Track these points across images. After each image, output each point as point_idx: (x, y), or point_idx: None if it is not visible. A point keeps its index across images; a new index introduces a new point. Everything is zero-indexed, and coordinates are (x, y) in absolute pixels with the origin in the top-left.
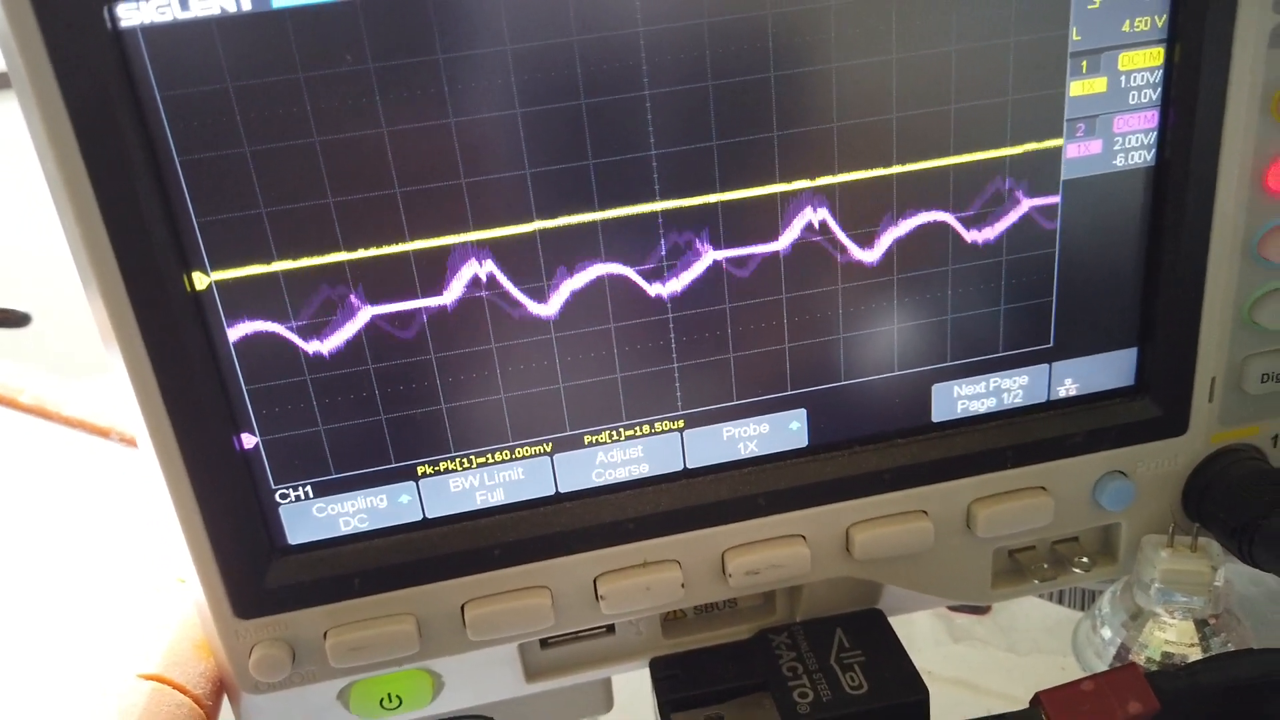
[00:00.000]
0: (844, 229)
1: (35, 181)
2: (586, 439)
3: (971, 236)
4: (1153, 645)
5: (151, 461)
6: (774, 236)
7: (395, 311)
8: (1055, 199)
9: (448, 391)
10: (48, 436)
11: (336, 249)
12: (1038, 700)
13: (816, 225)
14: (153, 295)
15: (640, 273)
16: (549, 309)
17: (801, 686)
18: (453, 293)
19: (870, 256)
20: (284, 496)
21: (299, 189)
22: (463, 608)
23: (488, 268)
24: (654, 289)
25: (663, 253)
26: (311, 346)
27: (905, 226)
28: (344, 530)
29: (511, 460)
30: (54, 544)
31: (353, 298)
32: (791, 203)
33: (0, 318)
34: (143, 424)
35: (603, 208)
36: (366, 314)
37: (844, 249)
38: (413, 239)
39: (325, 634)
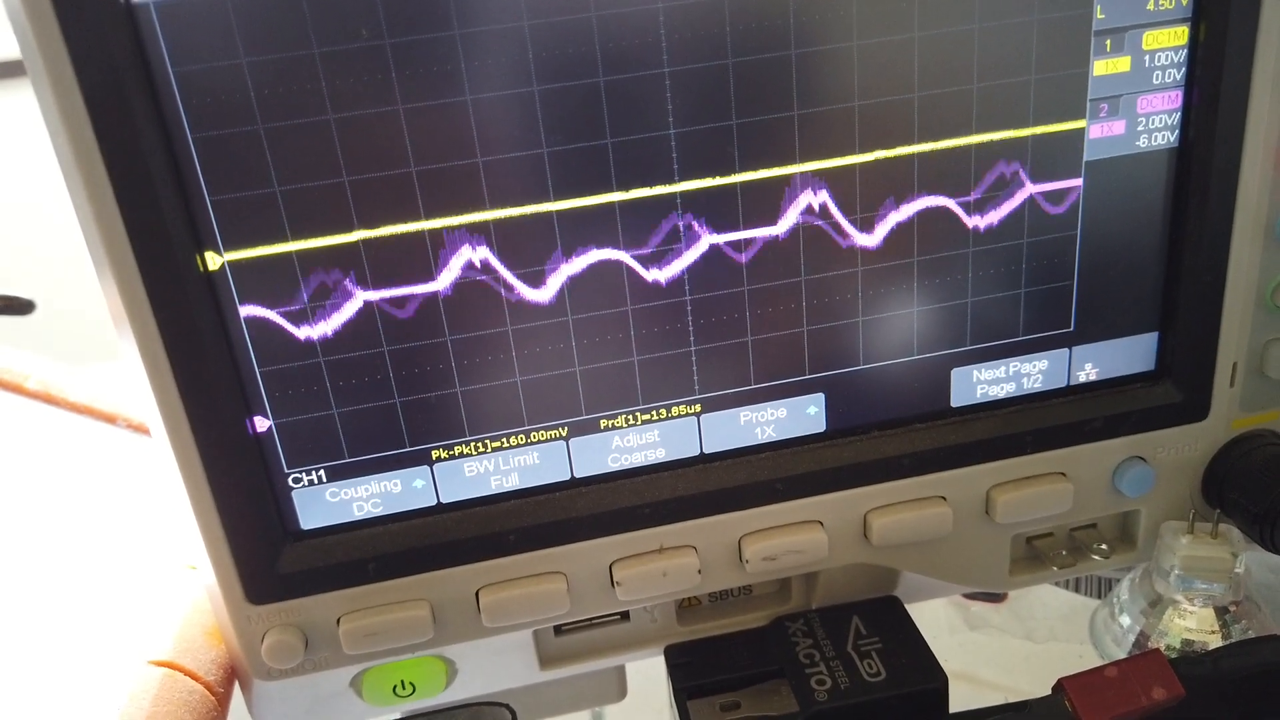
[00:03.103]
0: (865, 210)
1: (41, 171)
2: (602, 423)
3: (993, 218)
4: (1172, 633)
5: (163, 445)
6: (791, 218)
7: (410, 293)
8: (1078, 181)
9: (462, 374)
10: (54, 423)
11: (351, 229)
12: (1061, 686)
13: (837, 206)
14: (165, 275)
15: (657, 254)
16: (565, 290)
17: (819, 674)
18: (470, 274)
19: (889, 239)
20: (297, 481)
21: (313, 167)
22: (477, 594)
23: (504, 247)
24: (671, 271)
25: (680, 234)
26: (325, 328)
27: (926, 207)
28: (357, 515)
29: (527, 444)
30: (63, 530)
31: (366, 279)
32: (811, 183)
33: (4, 305)
34: (155, 407)
35: (620, 188)
36: (381, 295)
37: (865, 230)
38: (428, 219)
39: (339, 620)
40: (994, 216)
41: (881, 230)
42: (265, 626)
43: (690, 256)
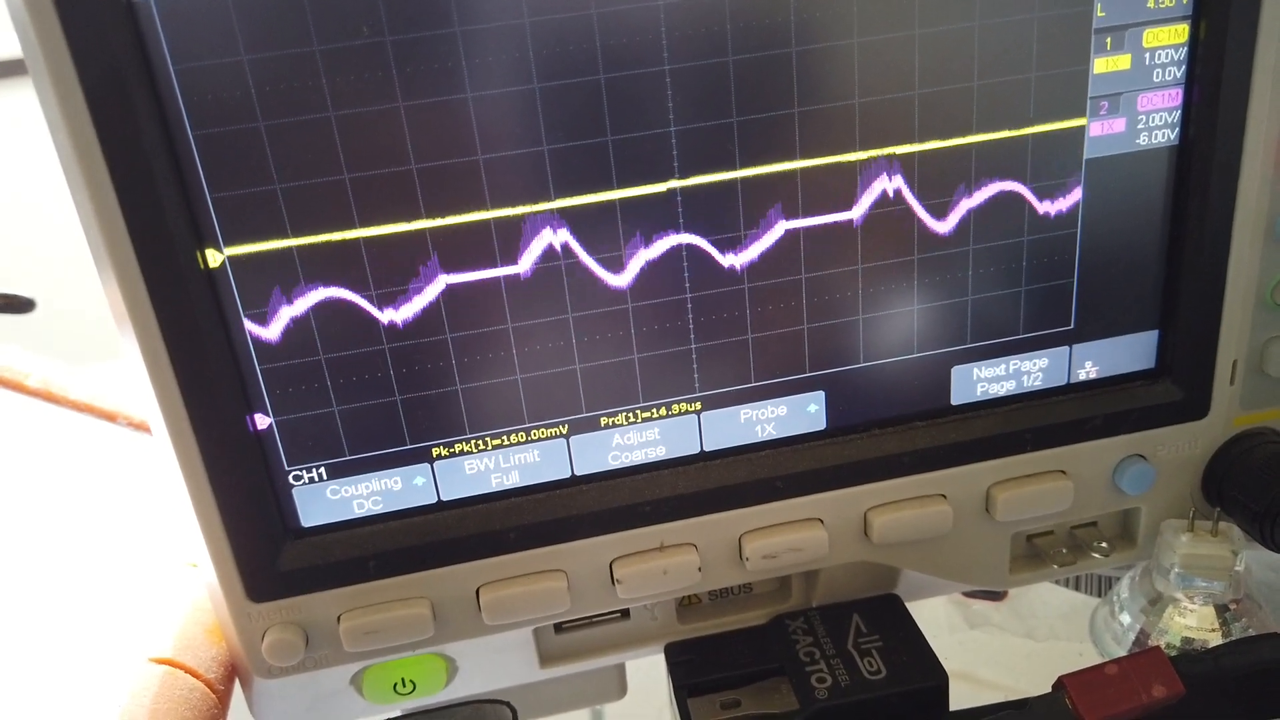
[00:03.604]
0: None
1: (41, 170)
2: (603, 421)
3: (993, 216)
4: (1172, 631)
5: (164, 443)
6: (795, 215)
7: (411, 290)
8: (1078, 178)
9: (463, 372)
10: (55, 421)
11: (351, 226)
12: (1061, 684)
13: (838, 204)
14: (166, 272)
15: (659, 253)
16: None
17: (819, 671)
18: (470, 272)
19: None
20: (297, 478)
21: (314, 164)
22: (478, 591)
23: (504, 247)
24: (672, 268)
25: (682, 231)
26: (326, 325)
27: (930, 204)
28: (358, 513)
29: (527, 442)
30: (64, 529)
31: (368, 276)
32: (810, 181)
33: (4, 303)
34: (156, 404)
35: (620, 185)
36: (381, 292)
37: (866, 228)
38: (428, 217)
39: (339, 618)
40: (994, 214)
41: (898, 228)
42: (266, 624)
43: (691, 254)
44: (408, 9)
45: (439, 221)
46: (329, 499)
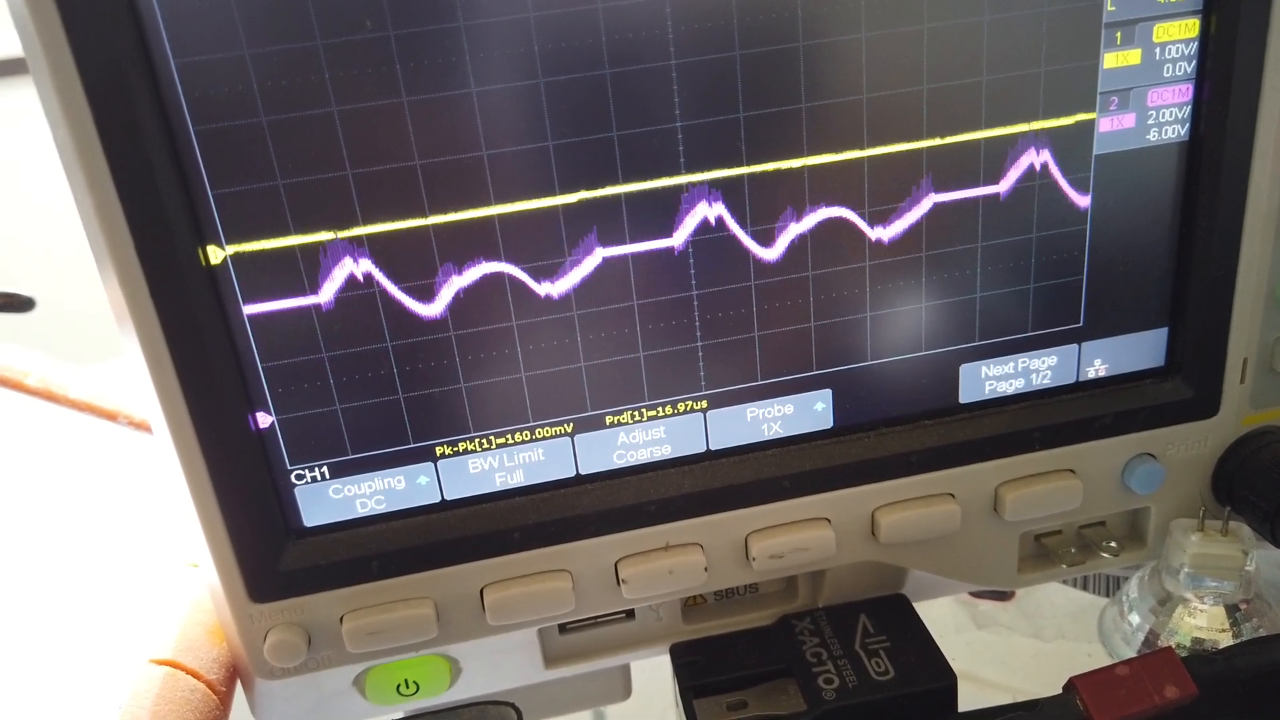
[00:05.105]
0: (872, 204)
1: (42, 168)
2: (608, 419)
3: (1002, 212)
4: (1182, 631)
5: (165, 441)
6: (799, 212)
7: (412, 288)
8: (1087, 174)
9: (467, 370)
10: (55, 420)
11: (354, 223)
12: (1072, 685)
13: (850, 202)
14: (167, 269)
15: (664, 248)
16: (571, 285)
17: (826, 672)
18: (473, 269)
19: (897, 233)
20: (300, 477)
21: (316, 160)
22: (482, 591)
23: (509, 242)
24: (678, 265)
25: (687, 227)
26: (329, 323)
27: (935, 202)
28: (361, 512)
29: (532, 441)
30: (64, 529)
31: (370, 273)
32: (817, 177)
33: (4, 302)
34: (157, 403)
35: (626, 180)
36: (384, 290)
37: (871, 225)
38: (432, 213)
39: (341, 618)
40: (1002, 211)
41: (899, 225)
42: (267, 625)
43: (697, 251)
44: (411, 3)
45: (443, 218)
46: (331, 498)
